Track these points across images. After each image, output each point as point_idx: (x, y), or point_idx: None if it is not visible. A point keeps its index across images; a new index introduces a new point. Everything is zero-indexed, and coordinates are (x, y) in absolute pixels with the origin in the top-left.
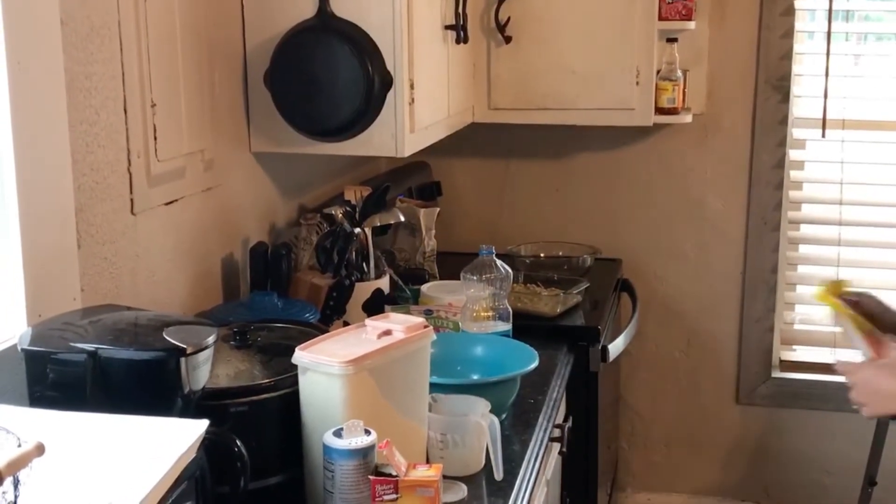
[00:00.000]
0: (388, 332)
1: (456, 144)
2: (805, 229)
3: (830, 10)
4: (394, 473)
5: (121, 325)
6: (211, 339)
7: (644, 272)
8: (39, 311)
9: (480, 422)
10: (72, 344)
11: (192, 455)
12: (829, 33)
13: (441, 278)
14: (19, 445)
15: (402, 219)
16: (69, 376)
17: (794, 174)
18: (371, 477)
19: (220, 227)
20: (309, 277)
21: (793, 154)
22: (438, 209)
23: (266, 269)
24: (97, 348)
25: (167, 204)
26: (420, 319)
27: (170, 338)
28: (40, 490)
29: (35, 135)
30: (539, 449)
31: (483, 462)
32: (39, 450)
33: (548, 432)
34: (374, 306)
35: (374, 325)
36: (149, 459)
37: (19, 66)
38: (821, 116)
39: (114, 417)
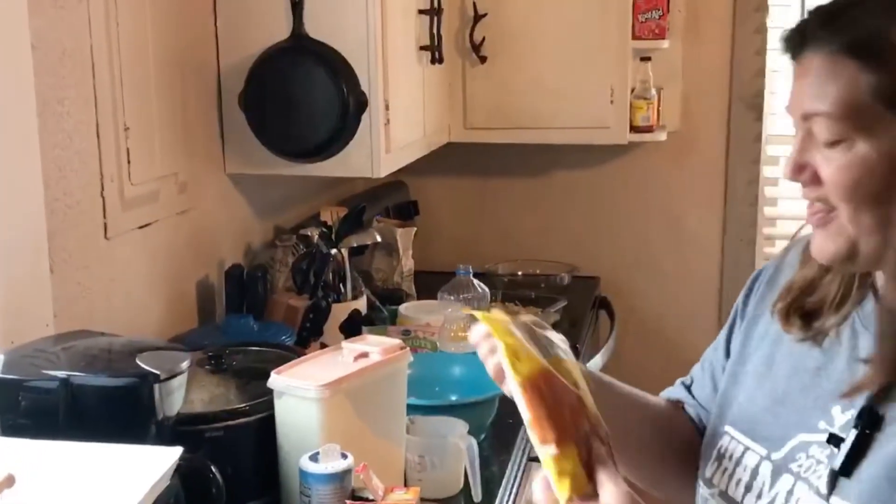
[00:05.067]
0: (364, 355)
1: (432, 164)
2: (780, 245)
3: None
4: (371, 497)
5: (94, 352)
6: (184, 365)
7: (622, 289)
8: (11, 338)
9: (458, 443)
10: (44, 371)
11: (167, 482)
12: None
13: (419, 298)
14: None
15: (379, 239)
16: (41, 404)
17: (768, 191)
18: (348, 501)
19: (194, 250)
20: (285, 299)
21: (767, 171)
22: (415, 229)
23: (242, 291)
24: (69, 375)
25: (141, 227)
26: (396, 341)
27: (143, 364)
28: None
29: (6, 160)
30: (518, 469)
31: (462, 484)
32: (9, 481)
33: (527, 452)
34: (352, 327)
35: (351, 347)
36: (122, 488)
37: None
38: (794, 133)
39: (87, 445)
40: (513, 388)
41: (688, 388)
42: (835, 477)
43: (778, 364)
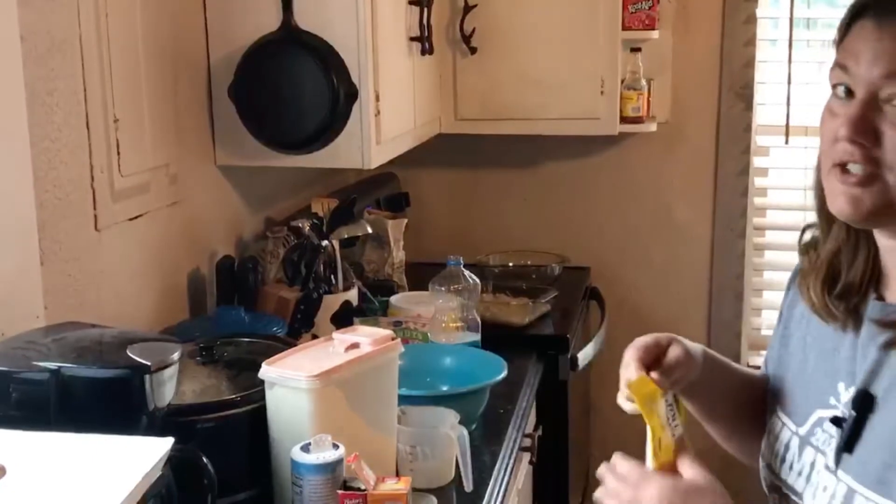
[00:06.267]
0: (355, 345)
1: (423, 155)
2: (770, 235)
3: (791, 18)
4: (362, 487)
5: (84, 343)
6: (175, 356)
7: (612, 280)
8: (2, 330)
9: (449, 433)
10: (35, 363)
11: (158, 473)
12: (790, 41)
13: (410, 289)
14: None
15: (370, 230)
16: (32, 395)
17: (758, 181)
18: (339, 491)
19: (185, 241)
20: (276, 291)
21: (757, 161)
22: (406, 220)
23: (233, 283)
24: (60, 367)
25: (132, 219)
26: (387, 332)
27: (134, 355)
28: None
29: None
30: (509, 459)
31: (453, 474)
32: (0, 472)
33: (518, 442)
34: (343, 319)
35: (342, 338)
36: (113, 479)
37: None
38: (784, 123)
39: (78, 437)
40: (648, 465)
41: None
42: (839, 453)
43: (809, 346)
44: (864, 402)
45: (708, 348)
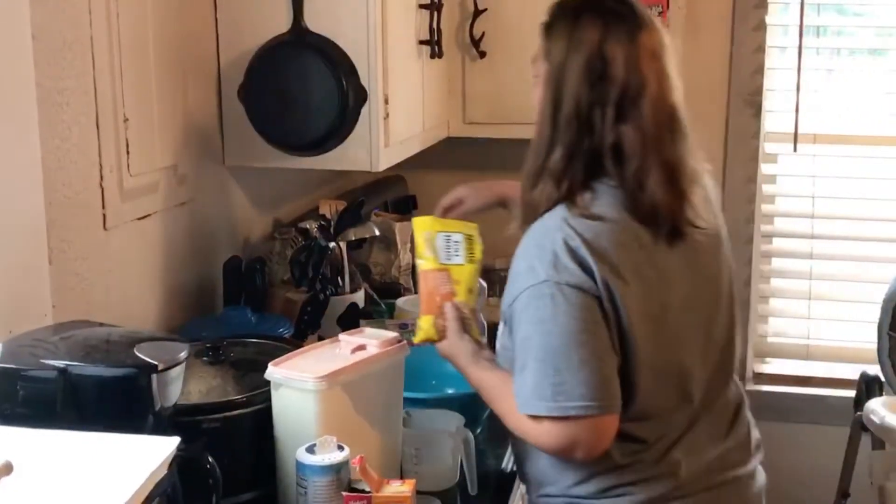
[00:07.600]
0: (361, 347)
1: (431, 158)
2: (777, 242)
3: (801, 26)
4: (367, 489)
5: (92, 342)
6: (182, 356)
7: None
8: (10, 328)
9: (454, 436)
10: (42, 360)
11: (164, 472)
12: (800, 48)
13: (416, 292)
14: None
15: (378, 233)
16: (40, 393)
17: (766, 188)
18: (344, 493)
19: (193, 241)
20: (283, 292)
21: (765, 168)
22: None
23: (240, 283)
24: (68, 365)
25: (140, 219)
26: (394, 334)
27: (141, 354)
28: None
29: (6, 150)
30: (513, 463)
31: (457, 477)
32: (7, 468)
33: None
34: (349, 320)
35: (348, 339)
36: (119, 477)
37: None
38: (792, 131)
39: (84, 435)
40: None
41: None
42: None
43: None
44: None
45: None
